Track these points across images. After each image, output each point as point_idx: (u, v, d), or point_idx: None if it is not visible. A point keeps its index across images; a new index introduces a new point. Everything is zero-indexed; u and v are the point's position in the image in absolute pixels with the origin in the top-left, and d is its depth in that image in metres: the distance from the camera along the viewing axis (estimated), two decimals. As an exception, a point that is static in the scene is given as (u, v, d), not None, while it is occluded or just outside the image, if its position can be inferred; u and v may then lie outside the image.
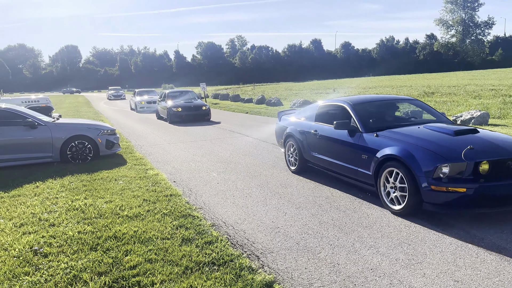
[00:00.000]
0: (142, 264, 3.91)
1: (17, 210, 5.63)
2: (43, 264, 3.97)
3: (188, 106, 17.67)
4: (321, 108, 7.28)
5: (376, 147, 5.50)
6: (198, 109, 17.79)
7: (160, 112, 19.31)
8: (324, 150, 6.72)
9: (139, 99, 25.47)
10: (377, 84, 44.54)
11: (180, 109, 17.25)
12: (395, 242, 4.38)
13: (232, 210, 5.65)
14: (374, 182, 5.54)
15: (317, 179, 7.10)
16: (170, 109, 17.25)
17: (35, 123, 8.69)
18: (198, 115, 17.72)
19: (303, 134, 7.30)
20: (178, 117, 17.27)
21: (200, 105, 18.10)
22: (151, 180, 7.22)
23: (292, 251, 4.26)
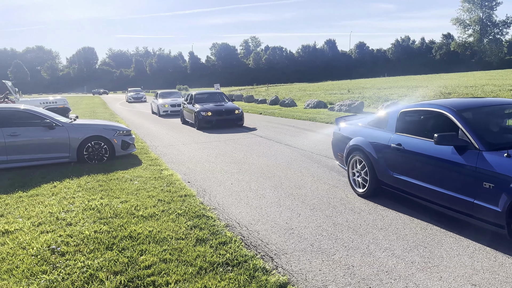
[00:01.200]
0: (157, 264, 3.95)
1: (35, 209, 5.73)
2: (60, 263, 4.03)
3: (219, 110, 15.53)
4: (405, 115, 5.67)
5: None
6: (230, 113, 15.67)
7: (186, 116, 17.43)
8: (412, 171, 5.13)
9: (162, 102, 23.08)
10: (392, 84, 44.08)
11: (210, 114, 15.23)
12: (410, 245, 4.32)
13: (246, 210, 5.66)
14: (506, 222, 3.96)
15: (333, 182, 7.06)
16: (199, 114, 15.30)
17: (53, 124, 8.85)
18: (230, 120, 15.62)
19: (378, 148, 5.73)
20: (207, 123, 15.26)
21: (232, 108, 15.88)
22: (166, 180, 7.28)
23: (306, 252, 4.24)
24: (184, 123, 17.97)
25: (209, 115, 15.24)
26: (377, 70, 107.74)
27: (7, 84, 19.88)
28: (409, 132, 5.42)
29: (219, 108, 15.72)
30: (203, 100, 17.12)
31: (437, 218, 5.05)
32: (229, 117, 15.61)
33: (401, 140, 5.37)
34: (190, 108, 16.49)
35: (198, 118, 15.30)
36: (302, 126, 15.37)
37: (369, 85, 46.31)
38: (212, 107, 15.73)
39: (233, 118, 15.67)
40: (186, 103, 17.63)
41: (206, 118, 15.24)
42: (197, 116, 15.41)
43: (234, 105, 16.45)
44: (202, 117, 15.23)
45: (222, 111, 15.58)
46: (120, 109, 32.17)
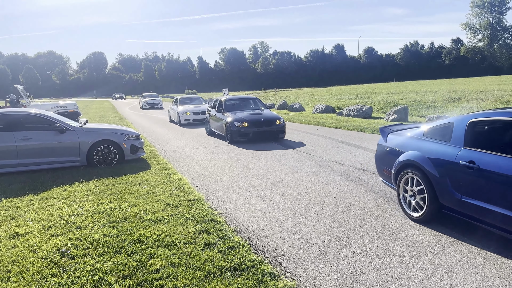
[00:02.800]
0: (165, 268, 3.96)
1: (46, 213, 5.79)
2: (70, 266, 4.07)
3: (257, 120, 12.75)
4: (476, 126, 4.73)
5: None
6: (270, 124, 12.77)
7: (214, 126, 14.65)
8: (491, 195, 4.22)
9: (183, 109, 19.80)
10: (401, 89, 43.86)
11: (246, 124, 12.50)
12: (420, 251, 4.29)
13: (254, 215, 5.66)
14: None
15: (341, 187, 7.04)
16: (232, 125, 12.61)
17: (63, 128, 8.94)
18: (270, 132, 12.77)
19: (440, 165, 4.82)
20: (243, 135, 12.53)
21: (273, 118, 13.01)
22: (175, 184, 7.31)
23: (314, 258, 4.22)
24: (210, 134, 15.34)
25: (245, 126, 12.49)
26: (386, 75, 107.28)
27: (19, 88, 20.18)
28: (485, 147, 4.48)
29: (256, 117, 12.94)
30: (234, 107, 14.27)
31: (447, 224, 5.01)
32: (269, 128, 12.71)
33: (474, 156, 4.43)
34: (219, 116, 13.87)
35: (231, 129, 12.57)
36: (310, 131, 15.35)
37: (378, 90, 46.13)
38: (248, 116, 12.97)
39: (274, 130, 12.80)
40: (213, 111, 14.83)
41: (241, 130, 12.47)
42: (229, 128, 12.72)
43: (274, 114, 13.60)
44: (236, 128, 12.50)
45: (261, 121, 12.72)
46: (131, 114, 32.38)
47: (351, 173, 7.94)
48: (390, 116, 17.36)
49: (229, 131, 12.79)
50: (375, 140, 12.20)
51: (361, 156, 9.75)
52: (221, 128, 13.67)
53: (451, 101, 24.55)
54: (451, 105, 22.04)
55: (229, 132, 12.80)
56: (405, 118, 16.98)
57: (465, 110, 19.09)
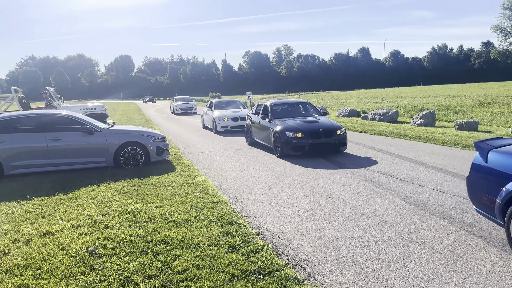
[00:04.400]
0: (190, 270, 4.01)
1: (75, 212, 5.95)
2: (97, 265, 4.17)
3: (314, 129, 10.54)
4: None
5: None
6: (330, 135, 10.54)
7: (257, 135, 12.65)
8: None
9: (219, 114, 17.59)
10: (428, 93, 42.96)
11: (300, 135, 10.34)
12: (448, 260, 4.18)
13: (277, 219, 5.65)
14: None
15: (366, 193, 6.95)
16: (282, 134, 10.50)
17: (92, 130, 9.18)
18: (330, 145, 10.56)
19: None
20: (297, 148, 10.38)
21: (332, 127, 10.75)
22: (199, 186, 7.39)
23: (338, 263, 4.18)
24: (252, 144, 13.29)
25: (299, 137, 10.33)
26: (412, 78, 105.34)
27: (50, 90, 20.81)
28: None
29: (312, 126, 10.72)
30: (283, 113, 12.25)
31: (476, 232, 4.87)
32: (328, 140, 10.47)
33: None
34: (265, 124, 11.87)
35: (282, 140, 10.46)
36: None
37: (404, 94, 45.33)
38: (302, 124, 10.80)
39: (334, 142, 10.54)
40: (256, 117, 12.89)
41: (294, 141, 10.32)
42: (279, 138, 10.66)
43: (332, 122, 11.42)
44: (288, 139, 10.37)
45: (319, 131, 10.48)
46: (156, 116, 32.90)
47: (376, 179, 7.82)
48: (416, 121, 17.03)
49: (278, 142, 10.74)
50: (400, 145, 12.00)
51: (386, 161, 9.60)
52: (267, 138, 11.70)
53: (480, 106, 23.88)
54: (481, 110, 21.43)
55: (278, 143, 10.76)
56: (432, 123, 16.61)
57: (499, 116, 18.52)
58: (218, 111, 18.04)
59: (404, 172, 8.22)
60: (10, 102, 19.38)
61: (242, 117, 17.03)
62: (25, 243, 4.84)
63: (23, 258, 4.36)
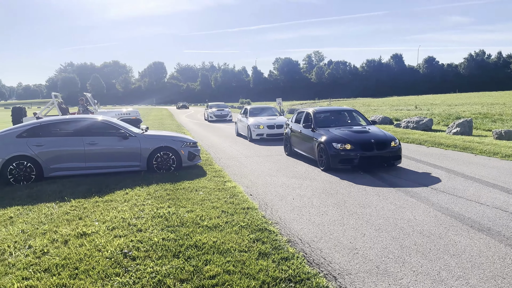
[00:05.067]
0: (221, 275, 4.03)
1: (110, 214, 6.12)
2: (131, 267, 4.26)
3: (365, 140, 9.46)
4: None
5: None
6: (383, 147, 9.39)
7: (298, 145, 11.66)
8: None
9: (254, 121, 16.55)
10: (464, 101, 41.63)
11: (350, 146, 9.26)
12: (487, 275, 4.02)
13: (308, 227, 5.60)
14: None
15: (399, 202, 6.79)
16: (329, 146, 9.44)
17: (127, 134, 9.44)
18: (383, 158, 9.41)
19: None
20: (346, 161, 9.36)
21: (386, 139, 9.61)
22: (229, 192, 7.44)
23: (371, 274, 4.10)
24: (290, 154, 12.29)
25: (348, 148, 9.29)
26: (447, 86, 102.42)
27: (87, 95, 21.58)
28: None
29: (363, 137, 9.63)
30: (327, 121, 11.11)
31: (518, 247, 4.66)
32: (381, 153, 9.31)
33: None
34: (307, 134, 10.86)
35: (330, 152, 9.39)
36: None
37: (439, 101, 44.10)
38: (350, 134, 9.71)
39: (388, 155, 9.39)
40: (296, 126, 11.93)
41: (342, 153, 9.26)
42: (324, 150, 9.59)
43: (385, 132, 10.15)
44: (335, 151, 9.34)
45: (371, 142, 9.36)
46: (188, 122, 33.41)
47: (410, 188, 7.63)
48: (452, 129, 16.52)
49: (323, 154, 9.68)
50: (435, 154, 11.66)
51: (420, 170, 9.35)
52: (310, 149, 10.65)
53: (521, 114, 22.88)
54: (521, 119, 20.54)
55: (323, 155, 9.70)
56: (469, 131, 16.06)
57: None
58: (253, 118, 17.11)
59: (439, 182, 7.98)
60: (50, 107, 20.21)
61: (279, 124, 16.16)
62: (63, 244, 5.01)
63: (61, 258, 4.52)
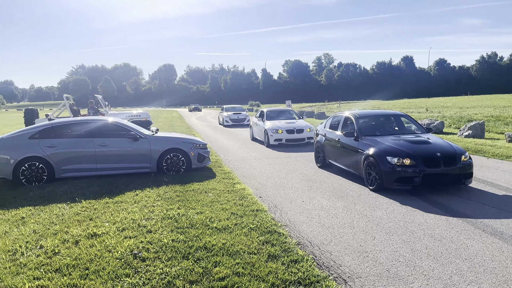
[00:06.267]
0: (230, 277, 4.03)
1: (120, 215, 6.16)
2: (141, 268, 4.28)
3: (430, 154, 7.49)
4: None
5: None
6: (452, 162, 7.44)
7: (338, 158, 9.56)
8: None
9: (271, 125, 15.42)
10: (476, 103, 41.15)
11: (409, 162, 7.33)
12: (500, 279, 3.95)
13: (317, 230, 5.58)
14: None
15: (410, 205, 6.72)
16: (382, 160, 7.56)
17: (137, 136, 9.50)
18: (452, 176, 7.46)
19: None
20: (405, 180, 7.39)
21: (455, 152, 7.60)
22: (239, 194, 7.44)
23: (382, 278, 4.06)
24: (324, 166, 10.41)
25: (408, 164, 7.34)
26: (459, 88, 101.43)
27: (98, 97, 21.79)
28: None
29: (426, 149, 7.66)
30: (373, 128, 9.15)
31: None
32: (450, 169, 7.37)
33: None
34: (349, 143, 8.91)
35: (383, 169, 7.50)
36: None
37: (450, 104, 43.66)
38: (408, 146, 7.76)
39: (457, 172, 7.41)
40: (333, 133, 9.95)
41: (399, 169, 7.35)
42: (376, 165, 7.71)
43: (451, 143, 8.08)
44: (391, 167, 7.42)
45: (436, 156, 7.42)
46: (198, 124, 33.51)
47: (421, 191, 7.55)
48: (464, 132, 16.33)
49: (373, 170, 7.81)
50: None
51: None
52: (353, 163, 8.70)
53: (534, 117, 22.53)
54: (535, 122, 20.22)
55: (372, 172, 7.83)
56: (481, 134, 15.86)
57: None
58: (270, 122, 15.94)
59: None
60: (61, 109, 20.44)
61: (299, 129, 15.08)
62: (74, 244, 5.05)
63: (72, 258, 4.55)
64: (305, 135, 14.87)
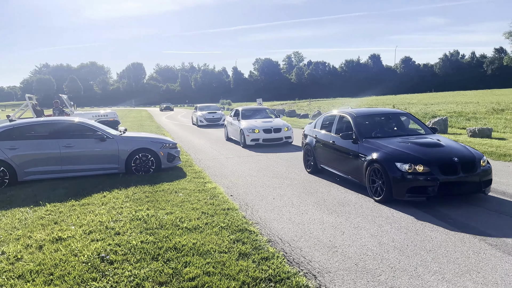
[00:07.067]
0: (200, 277, 4.00)
1: (87, 218, 6.00)
2: (109, 271, 4.18)
3: (446, 159, 6.45)
4: None
5: None
6: (472, 168, 6.44)
7: (332, 162, 8.50)
8: None
9: (247, 125, 14.86)
10: (440, 100, 42.59)
11: (422, 168, 6.27)
12: (462, 269, 4.11)
13: (288, 226, 5.62)
14: None
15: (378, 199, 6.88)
16: (391, 166, 6.51)
17: (104, 136, 9.28)
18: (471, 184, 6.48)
19: None
20: (421, 190, 6.30)
21: (473, 157, 6.57)
22: (209, 193, 7.39)
23: (350, 272, 4.14)
24: (315, 171, 9.25)
25: (421, 171, 6.28)
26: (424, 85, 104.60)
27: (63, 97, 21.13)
28: None
29: (440, 153, 6.64)
30: (373, 128, 8.12)
31: (491, 241, 4.79)
32: (469, 176, 6.40)
33: None
34: (347, 147, 7.79)
35: (392, 176, 6.41)
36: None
37: (415, 101, 44.98)
38: (419, 149, 6.71)
39: (477, 179, 6.43)
40: (326, 135, 8.83)
41: (410, 177, 6.28)
42: (382, 171, 6.59)
43: (467, 147, 7.09)
44: (400, 175, 6.35)
45: (453, 162, 6.38)
46: (168, 123, 33.08)
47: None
48: (428, 128, 16.84)
49: (378, 178, 6.73)
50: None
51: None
52: (352, 169, 7.64)
53: (494, 113, 23.55)
54: (495, 117, 21.14)
55: (377, 179, 6.75)
56: (445, 129, 16.44)
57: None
58: (246, 121, 15.32)
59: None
60: (24, 109, 19.70)
61: (276, 128, 14.50)
62: (38, 249, 4.88)
63: (35, 264, 4.40)
64: (283, 134, 14.44)
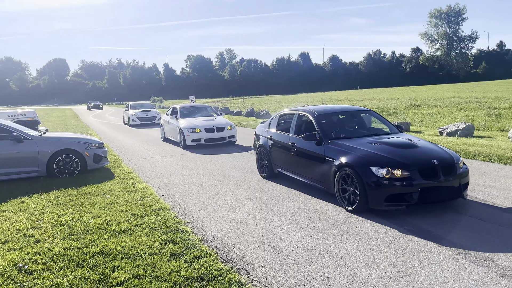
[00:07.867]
0: (129, 280, 3.86)
1: (2, 226, 5.51)
2: (27, 282, 3.88)
3: (425, 161, 5.84)
4: None
5: None
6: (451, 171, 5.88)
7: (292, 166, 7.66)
8: None
9: (187, 124, 13.81)
10: (365, 96, 45.07)
11: (400, 172, 5.59)
12: (384, 255, 4.39)
13: (221, 223, 5.62)
14: None
15: (308, 193, 7.11)
16: (366, 172, 5.76)
17: (21, 137, 8.58)
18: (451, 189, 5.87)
19: None
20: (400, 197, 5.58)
21: (451, 159, 5.98)
22: (140, 194, 7.16)
23: (281, 265, 4.24)
24: (270, 176, 8.42)
25: (399, 176, 5.61)
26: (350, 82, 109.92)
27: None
28: None
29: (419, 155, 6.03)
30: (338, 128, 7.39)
31: (408, 227, 5.16)
32: (450, 180, 5.82)
33: None
34: (310, 149, 7.01)
35: (367, 182, 5.70)
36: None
37: (343, 97, 47.17)
38: (394, 151, 6.06)
39: (457, 183, 5.87)
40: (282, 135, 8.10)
41: (386, 183, 5.60)
42: (356, 177, 5.84)
43: (442, 147, 6.60)
44: (377, 181, 5.65)
45: (433, 164, 5.77)
46: (95, 122, 31.45)
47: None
48: (354, 123, 17.72)
49: (350, 185, 6.02)
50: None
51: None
52: (318, 174, 6.79)
53: (412, 108, 25.44)
54: (412, 112, 22.85)
55: (349, 187, 6.03)
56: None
57: (428, 117, 19.82)
58: (185, 120, 14.19)
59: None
60: None
61: (219, 127, 13.66)
62: None
63: None
64: (226, 133, 13.67)
